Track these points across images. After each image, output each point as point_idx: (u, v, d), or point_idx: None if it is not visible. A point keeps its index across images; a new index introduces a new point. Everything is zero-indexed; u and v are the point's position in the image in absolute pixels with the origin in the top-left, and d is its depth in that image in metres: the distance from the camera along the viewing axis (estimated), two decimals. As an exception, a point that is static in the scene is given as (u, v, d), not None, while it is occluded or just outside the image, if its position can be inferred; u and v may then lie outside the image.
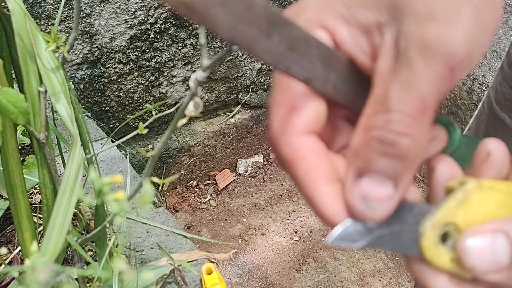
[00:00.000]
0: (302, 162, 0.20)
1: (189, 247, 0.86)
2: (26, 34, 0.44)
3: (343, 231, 0.21)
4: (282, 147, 0.21)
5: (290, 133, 0.20)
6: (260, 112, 1.90)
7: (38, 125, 0.46)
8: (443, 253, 0.20)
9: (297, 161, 0.20)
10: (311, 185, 0.20)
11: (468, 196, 0.20)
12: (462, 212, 0.20)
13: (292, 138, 0.20)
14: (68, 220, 0.40)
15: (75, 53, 1.36)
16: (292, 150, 0.20)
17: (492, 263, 0.19)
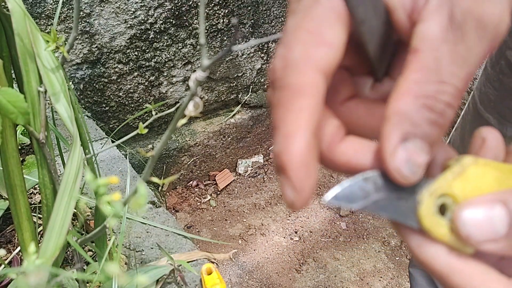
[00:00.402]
0: (300, 99, 0.19)
1: (189, 247, 0.86)
2: (26, 34, 0.44)
3: (341, 191, 0.21)
4: (290, 72, 0.19)
5: (306, 63, 0.19)
6: (260, 112, 1.90)
7: (38, 125, 0.46)
8: (442, 223, 0.20)
9: (296, 94, 0.19)
10: (294, 123, 0.19)
11: (465, 170, 0.20)
12: (459, 184, 0.20)
13: (306, 68, 0.19)
14: (68, 220, 0.40)
15: (75, 53, 1.36)
16: (299, 81, 0.19)
17: (489, 232, 0.19)
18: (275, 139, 0.19)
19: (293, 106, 0.19)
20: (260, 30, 1.71)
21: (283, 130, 0.19)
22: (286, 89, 0.19)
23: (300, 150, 0.19)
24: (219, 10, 1.55)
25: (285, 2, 1.73)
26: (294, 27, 0.20)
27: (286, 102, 0.19)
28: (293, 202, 0.19)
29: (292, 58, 0.19)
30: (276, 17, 1.73)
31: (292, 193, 0.19)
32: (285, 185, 0.19)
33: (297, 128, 0.19)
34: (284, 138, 0.19)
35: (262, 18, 1.69)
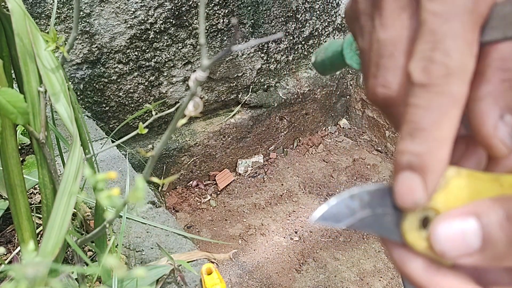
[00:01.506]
0: (454, 110, 0.19)
1: (189, 247, 0.86)
2: (26, 34, 0.44)
3: (327, 211, 0.21)
4: (453, 80, 0.19)
5: (465, 74, 0.19)
6: (260, 112, 1.90)
7: (38, 125, 0.46)
8: (424, 237, 0.20)
9: (453, 104, 0.19)
10: (445, 130, 0.19)
11: (448, 182, 0.20)
12: (442, 197, 0.20)
13: (465, 79, 0.19)
14: (67, 220, 0.40)
15: (75, 53, 1.36)
16: (460, 92, 0.19)
17: (463, 246, 0.19)
18: (414, 136, 0.19)
19: (448, 114, 0.19)
20: (260, 30, 1.71)
21: (433, 133, 0.19)
22: (445, 96, 0.19)
23: (446, 158, 0.19)
24: (219, 10, 1.55)
25: (285, 2, 1.73)
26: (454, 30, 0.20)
27: (441, 107, 0.19)
28: (417, 200, 0.20)
29: (454, 66, 0.19)
30: (276, 17, 1.73)
31: (421, 193, 0.19)
32: (417, 184, 0.19)
33: (446, 136, 0.19)
34: (433, 141, 0.19)
35: (262, 18, 1.69)
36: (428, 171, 0.19)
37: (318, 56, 0.33)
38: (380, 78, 0.22)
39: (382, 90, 0.22)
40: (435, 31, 0.19)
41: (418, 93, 0.19)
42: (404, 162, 0.20)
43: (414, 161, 0.19)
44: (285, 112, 1.99)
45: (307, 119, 2.10)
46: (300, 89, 1.97)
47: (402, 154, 0.20)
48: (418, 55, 0.19)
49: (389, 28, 0.22)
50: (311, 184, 1.92)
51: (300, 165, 2.02)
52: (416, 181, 0.19)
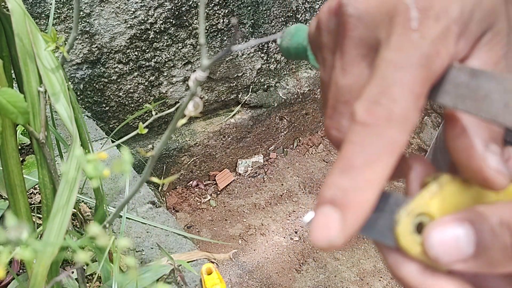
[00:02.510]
0: (389, 154, 0.19)
1: (189, 247, 0.86)
2: (26, 34, 0.44)
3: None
4: (387, 125, 0.19)
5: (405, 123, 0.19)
6: (260, 112, 1.90)
7: (38, 125, 0.46)
8: (418, 242, 0.20)
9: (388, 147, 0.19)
10: (375, 170, 0.19)
11: (442, 188, 0.20)
12: (436, 202, 0.20)
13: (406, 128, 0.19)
14: (67, 220, 0.40)
15: (75, 53, 1.36)
16: (395, 137, 0.19)
17: (456, 253, 0.19)
18: (343, 171, 0.19)
19: (382, 158, 0.19)
20: (260, 30, 1.71)
21: (364, 173, 0.19)
22: (383, 139, 0.19)
23: (371, 201, 0.19)
24: (219, 10, 1.55)
25: (285, 2, 1.73)
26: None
27: (377, 148, 0.19)
28: (331, 240, 0.19)
29: (398, 113, 0.19)
30: (276, 17, 1.73)
31: (337, 232, 0.19)
32: (335, 221, 0.19)
33: (376, 179, 0.19)
34: (362, 180, 0.19)
35: (262, 18, 1.69)
36: (350, 209, 0.19)
37: (284, 40, 0.32)
38: (335, 122, 0.23)
39: (335, 133, 0.23)
40: (385, 77, 0.19)
41: (357, 131, 0.19)
42: (327, 196, 0.19)
43: (338, 196, 0.19)
44: (285, 112, 1.99)
45: (307, 119, 2.10)
46: (300, 89, 1.97)
47: (328, 187, 0.19)
48: (365, 96, 0.20)
49: (348, 74, 0.22)
50: (311, 184, 1.92)
51: (300, 165, 2.02)
52: (334, 217, 0.19)
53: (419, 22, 0.19)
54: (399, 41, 0.20)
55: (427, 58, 0.19)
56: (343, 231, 0.19)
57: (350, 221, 0.19)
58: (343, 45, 0.22)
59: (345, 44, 0.22)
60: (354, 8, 0.22)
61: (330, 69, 0.24)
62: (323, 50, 0.25)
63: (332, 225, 0.19)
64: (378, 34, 0.21)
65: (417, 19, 0.19)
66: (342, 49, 0.22)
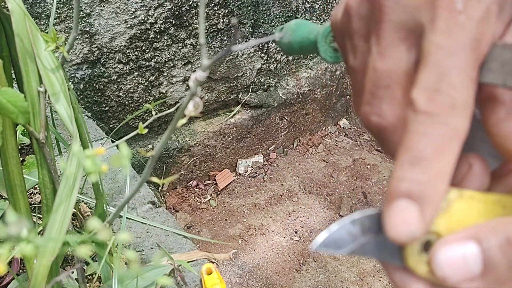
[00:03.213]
0: (455, 143, 0.19)
1: (189, 247, 0.86)
2: (26, 34, 0.44)
3: (328, 237, 0.21)
4: (457, 112, 0.19)
5: (468, 108, 0.19)
6: (260, 112, 1.90)
7: (38, 125, 0.46)
8: (425, 261, 0.20)
9: (454, 138, 0.19)
10: (446, 163, 0.19)
11: (450, 205, 0.20)
12: (444, 220, 0.20)
13: (468, 113, 0.19)
14: (67, 220, 0.40)
15: (75, 53, 1.36)
16: (463, 126, 0.19)
17: (464, 272, 0.18)
18: (414, 163, 0.19)
19: (450, 146, 0.19)
20: (260, 30, 1.71)
21: (435, 163, 0.19)
22: (449, 127, 0.19)
23: (445, 190, 0.19)
24: (219, 10, 1.55)
25: (285, 2, 1.73)
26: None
27: (444, 137, 0.19)
28: (413, 232, 0.19)
29: (460, 99, 0.19)
30: (276, 17, 1.73)
31: (418, 224, 0.19)
32: (414, 214, 0.19)
33: (447, 167, 0.19)
34: (435, 171, 0.19)
35: (262, 18, 1.69)
36: (428, 201, 0.19)
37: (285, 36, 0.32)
38: (375, 107, 0.22)
39: (376, 119, 0.22)
40: (440, 63, 0.19)
41: (421, 121, 0.19)
42: (402, 189, 0.19)
43: (414, 189, 0.19)
44: (285, 112, 1.99)
45: (307, 119, 2.10)
46: (300, 89, 1.97)
47: (400, 180, 0.19)
48: (423, 84, 0.19)
49: (387, 58, 0.22)
50: (311, 184, 1.92)
51: (300, 165, 2.02)
52: (413, 210, 0.19)
53: (463, 3, 0.19)
54: (447, 24, 0.19)
55: (476, 40, 0.19)
56: (423, 223, 0.19)
57: (428, 212, 0.19)
58: (379, 29, 0.22)
59: (382, 28, 0.22)
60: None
61: (363, 56, 0.24)
62: (353, 37, 0.24)
63: (412, 218, 0.19)
64: (418, 17, 0.21)
65: (462, 1, 0.19)
66: (379, 34, 0.22)
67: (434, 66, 0.19)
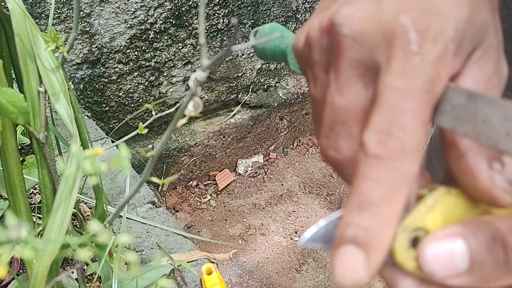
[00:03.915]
0: (404, 188, 0.19)
1: (189, 247, 0.86)
2: (26, 34, 0.44)
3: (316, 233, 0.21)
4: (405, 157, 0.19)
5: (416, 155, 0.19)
6: (260, 112, 1.90)
7: (38, 125, 0.46)
8: (413, 257, 0.20)
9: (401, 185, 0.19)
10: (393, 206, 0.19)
11: (437, 202, 0.20)
12: (431, 217, 0.20)
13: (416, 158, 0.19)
14: (67, 220, 0.40)
15: (75, 53, 1.36)
16: (411, 170, 0.19)
17: (450, 268, 0.19)
18: (362, 209, 0.19)
19: (398, 191, 0.19)
20: (260, 30, 1.71)
21: (383, 209, 0.18)
22: (399, 172, 0.19)
23: (391, 237, 0.19)
24: (219, 10, 1.55)
25: (285, 2, 1.73)
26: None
27: (393, 182, 0.18)
28: (358, 280, 0.18)
29: (410, 144, 0.19)
30: (276, 17, 1.73)
31: (363, 272, 0.19)
32: (360, 261, 0.19)
33: (395, 213, 0.19)
34: (383, 217, 0.18)
35: (262, 18, 1.69)
36: (374, 248, 0.18)
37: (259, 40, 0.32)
38: (332, 142, 0.22)
39: (333, 153, 0.22)
40: (392, 106, 0.19)
41: (371, 165, 0.19)
42: (348, 235, 0.19)
43: (360, 236, 0.18)
44: (285, 112, 1.99)
45: (307, 119, 2.10)
46: (300, 89, 1.97)
47: (347, 226, 0.19)
48: (375, 126, 0.19)
49: (344, 95, 0.22)
50: (311, 184, 1.92)
51: (300, 165, 2.02)
52: (358, 257, 0.18)
53: (419, 44, 0.19)
54: (401, 66, 0.19)
55: (430, 82, 0.19)
56: (369, 270, 0.18)
57: (374, 259, 0.19)
58: (337, 65, 0.22)
59: (340, 64, 0.22)
60: (350, 28, 0.21)
61: (322, 86, 0.24)
62: (314, 67, 0.24)
63: (357, 265, 0.18)
64: (375, 56, 0.21)
65: (417, 42, 0.19)
66: (337, 69, 0.22)
67: (386, 109, 0.19)
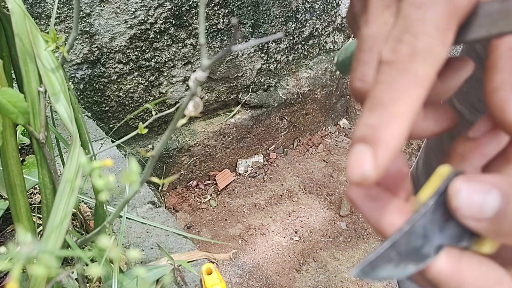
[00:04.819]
0: (416, 89, 0.19)
1: (189, 247, 0.86)
2: (26, 34, 0.44)
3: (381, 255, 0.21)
4: (417, 60, 0.19)
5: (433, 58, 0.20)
6: (260, 112, 1.90)
7: (38, 125, 0.46)
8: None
9: (413, 85, 0.20)
10: (403, 107, 0.20)
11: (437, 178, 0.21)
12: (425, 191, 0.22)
13: (432, 61, 0.19)
14: (67, 220, 0.40)
15: (75, 53, 1.36)
16: (423, 72, 0.19)
17: (477, 212, 0.19)
18: (371, 110, 0.19)
19: (408, 92, 0.19)
20: (260, 30, 1.71)
21: (390, 108, 0.19)
22: (408, 74, 0.19)
23: (400, 133, 0.19)
24: (219, 10, 1.55)
25: (285, 2, 1.73)
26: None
27: (402, 84, 0.19)
28: (364, 173, 0.19)
29: (421, 47, 0.19)
30: (276, 17, 1.73)
31: (369, 165, 0.19)
32: (367, 156, 0.19)
33: (404, 112, 0.19)
34: (389, 115, 0.19)
35: (262, 18, 1.69)
36: (379, 144, 0.19)
37: (340, 56, 0.33)
38: (359, 72, 0.23)
39: (359, 84, 0.23)
40: (408, 16, 0.20)
41: (383, 70, 0.20)
42: (358, 135, 0.20)
43: (367, 133, 0.19)
44: (285, 112, 1.99)
45: (307, 119, 2.10)
46: (300, 89, 1.97)
47: (359, 127, 0.20)
48: (390, 38, 0.20)
49: (371, 24, 0.23)
50: (311, 184, 1.92)
51: (300, 165, 2.02)
52: (366, 153, 0.19)
53: None
54: None
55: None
56: (376, 165, 0.19)
57: (381, 155, 0.19)
58: (367, 0, 0.23)
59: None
60: None
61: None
62: (357, 20, 0.26)
63: (364, 160, 0.19)
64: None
65: None
66: (368, 3, 0.23)
67: (402, 20, 0.20)
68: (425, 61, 0.19)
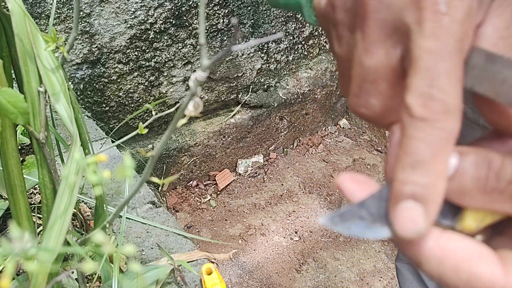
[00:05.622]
0: (449, 146, 0.21)
1: (189, 247, 0.86)
2: (26, 34, 0.44)
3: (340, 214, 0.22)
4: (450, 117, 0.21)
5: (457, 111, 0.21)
6: (260, 112, 1.90)
7: (38, 125, 0.46)
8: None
9: (448, 141, 0.21)
10: (443, 165, 0.21)
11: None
12: None
13: (457, 116, 0.21)
14: (67, 220, 0.40)
15: (75, 53, 1.36)
16: (453, 128, 0.20)
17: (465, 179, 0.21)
18: (415, 167, 0.21)
19: (445, 148, 0.20)
20: (260, 30, 1.71)
21: (434, 166, 0.20)
22: (444, 131, 0.20)
23: (444, 190, 0.21)
24: (219, 10, 1.55)
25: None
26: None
27: (440, 141, 0.20)
28: (419, 230, 0.21)
29: (451, 104, 0.20)
30: (276, 17, 1.73)
31: (423, 223, 0.21)
32: (420, 213, 0.21)
33: (444, 168, 0.21)
34: (435, 173, 0.20)
35: (262, 18, 1.69)
36: (430, 201, 0.20)
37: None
38: (363, 100, 0.24)
39: (365, 111, 0.24)
40: (430, 68, 0.20)
41: (418, 127, 0.20)
42: (407, 192, 0.21)
43: (418, 191, 0.20)
44: (285, 112, 1.99)
45: (307, 119, 2.10)
46: (300, 89, 1.97)
47: (404, 184, 0.21)
48: (416, 90, 0.20)
49: (373, 55, 0.23)
50: (311, 184, 1.92)
51: (300, 165, 2.02)
52: (419, 211, 0.20)
53: (447, 5, 0.20)
54: (432, 27, 0.20)
55: (460, 41, 0.20)
56: (428, 220, 0.20)
57: (432, 211, 0.20)
58: (364, 26, 0.23)
59: (367, 25, 0.22)
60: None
61: (348, 46, 0.25)
62: (338, 27, 0.25)
63: (418, 217, 0.20)
64: (403, 17, 0.21)
65: (445, 2, 0.20)
66: (364, 31, 0.23)
67: (425, 71, 0.20)
68: (456, 117, 0.20)
